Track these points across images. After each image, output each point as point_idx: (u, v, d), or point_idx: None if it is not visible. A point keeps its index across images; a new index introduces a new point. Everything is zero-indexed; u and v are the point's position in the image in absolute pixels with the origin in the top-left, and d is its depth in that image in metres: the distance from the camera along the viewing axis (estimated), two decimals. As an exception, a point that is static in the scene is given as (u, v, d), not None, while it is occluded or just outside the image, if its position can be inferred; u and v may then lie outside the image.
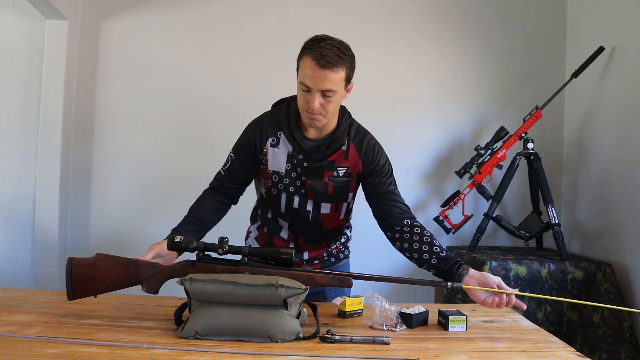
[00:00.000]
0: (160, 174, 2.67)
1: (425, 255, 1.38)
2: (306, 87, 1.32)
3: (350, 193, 1.51)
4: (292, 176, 1.47)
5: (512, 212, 2.76)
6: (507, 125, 2.49)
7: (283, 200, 1.50)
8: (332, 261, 1.64)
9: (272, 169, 1.47)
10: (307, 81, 1.31)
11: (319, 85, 1.31)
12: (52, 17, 2.41)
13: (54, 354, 0.99)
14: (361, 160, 1.46)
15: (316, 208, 1.50)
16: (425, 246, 1.39)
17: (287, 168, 1.46)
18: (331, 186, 1.47)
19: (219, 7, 2.70)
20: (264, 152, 1.47)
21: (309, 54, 1.31)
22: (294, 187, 1.47)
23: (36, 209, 2.45)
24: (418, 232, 1.42)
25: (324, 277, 1.23)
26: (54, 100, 2.45)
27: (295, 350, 1.06)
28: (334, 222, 1.55)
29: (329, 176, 1.46)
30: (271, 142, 1.46)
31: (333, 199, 1.49)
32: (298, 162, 1.45)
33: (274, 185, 1.49)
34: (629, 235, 2.22)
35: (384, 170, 1.49)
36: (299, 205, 1.49)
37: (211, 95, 2.68)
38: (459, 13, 2.77)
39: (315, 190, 1.47)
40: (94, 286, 1.21)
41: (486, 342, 1.18)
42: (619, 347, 2.09)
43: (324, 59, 1.29)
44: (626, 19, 2.30)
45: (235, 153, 1.50)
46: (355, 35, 2.83)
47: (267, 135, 1.46)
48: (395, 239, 1.45)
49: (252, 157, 1.48)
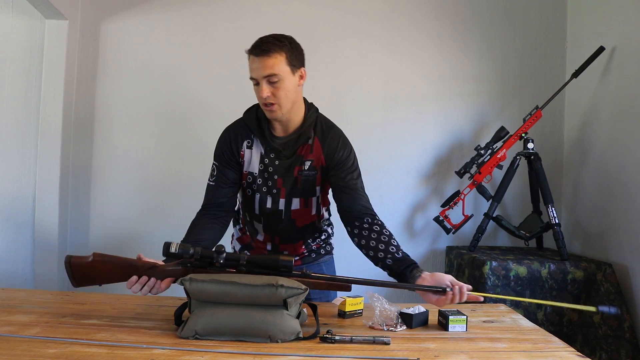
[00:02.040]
0: (160, 173, 2.67)
1: (380, 254, 1.38)
2: (253, 79, 1.38)
3: (317, 187, 1.53)
4: (265, 176, 1.50)
5: (512, 212, 2.76)
6: (507, 125, 2.49)
7: (257, 201, 1.53)
8: (313, 257, 1.65)
9: (247, 169, 1.51)
10: (252, 73, 1.38)
11: (261, 73, 1.36)
12: (52, 17, 2.41)
13: (54, 354, 0.99)
14: (324, 154, 1.49)
15: (287, 206, 1.52)
16: (381, 245, 1.38)
17: (260, 169, 1.50)
18: (300, 180, 1.50)
19: (219, 7, 2.70)
20: (241, 155, 1.51)
21: (250, 50, 1.39)
22: (266, 187, 1.51)
23: (36, 209, 2.45)
24: (377, 230, 1.41)
25: (322, 284, 1.22)
26: (54, 100, 2.45)
27: (295, 350, 1.06)
28: (306, 218, 1.56)
29: (299, 170, 1.49)
30: (247, 144, 1.51)
31: (301, 193, 1.52)
32: (270, 161, 1.49)
33: (248, 186, 1.53)
34: (629, 235, 2.22)
35: (347, 164, 1.49)
36: (272, 205, 1.52)
37: (211, 95, 2.68)
38: (459, 13, 2.77)
39: (287, 187, 1.50)
40: (95, 282, 1.21)
41: (486, 342, 1.18)
42: (619, 347, 2.09)
43: (258, 47, 1.36)
44: (626, 19, 2.30)
45: (218, 161, 1.53)
46: (355, 35, 2.84)
47: (242, 137, 1.51)
48: (354, 234, 1.45)
49: (233, 161, 1.52)
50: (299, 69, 1.41)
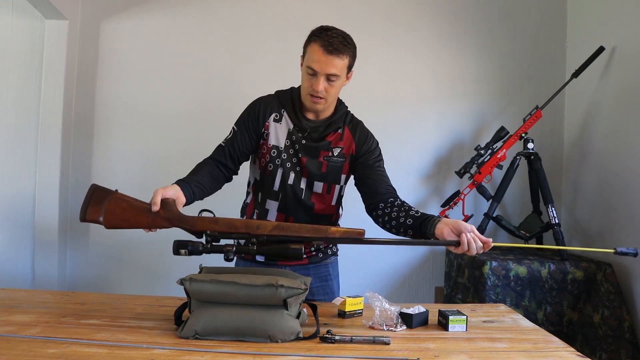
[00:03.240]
0: (160, 173, 2.67)
1: (401, 219, 1.42)
2: (313, 70, 1.41)
3: (343, 175, 1.56)
4: (290, 152, 1.52)
5: (512, 212, 2.76)
6: (507, 125, 2.49)
7: (278, 177, 1.53)
8: (320, 257, 1.64)
9: (272, 143, 1.52)
10: (314, 65, 1.40)
11: (325, 69, 1.40)
12: (52, 17, 2.41)
13: (54, 354, 0.99)
14: (355, 142, 1.55)
15: (309, 187, 1.54)
16: (402, 212, 1.43)
17: (287, 144, 1.52)
18: (325, 165, 1.53)
19: (219, 7, 2.70)
20: (265, 126, 1.53)
21: (317, 40, 1.40)
22: (290, 163, 1.52)
23: (36, 209, 2.45)
24: (398, 203, 1.47)
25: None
26: (54, 100, 2.45)
27: (295, 350, 1.06)
28: (325, 205, 1.57)
29: (324, 156, 1.53)
30: (274, 117, 1.53)
31: (326, 178, 1.54)
32: (297, 139, 1.51)
33: (271, 160, 1.53)
34: (629, 235, 2.22)
35: (375, 152, 1.57)
36: (294, 182, 1.53)
37: (211, 95, 2.68)
38: (459, 13, 2.77)
39: (310, 169, 1.52)
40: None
41: (486, 342, 1.18)
42: (619, 347, 2.09)
43: (331, 45, 1.39)
44: (626, 19, 2.30)
45: (239, 126, 1.55)
46: (355, 34, 2.82)
47: (272, 110, 1.53)
48: (379, 216, 1.49)
49: (254, 130, 1.53)
50: (351, 71, 1.48)
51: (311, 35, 1.44)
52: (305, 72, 1.44)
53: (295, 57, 2.89)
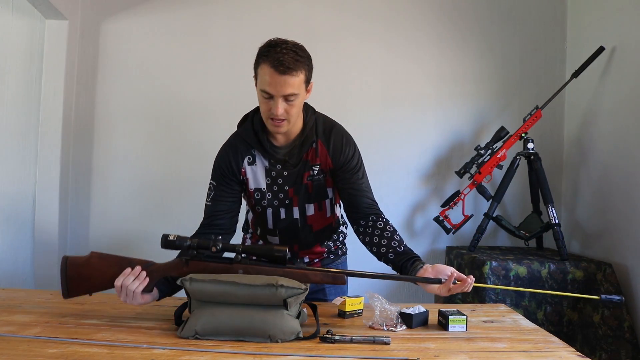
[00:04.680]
0: (160, 173, 2.67)
1: (382, 249, 1.40)
2: (268, 94, 1.31)
3: (329, 188, 1.52)
4: (274, 189, 1.47)
5: (512, 212, 2.76)
6: (507, 125, 2.49)
7: (269, 216, 1.51)
8: (332, 258, 1.65)
9: (252, 187, 1.47)
10: (268, 89, 1.30)
11: (281, 91, 1.29)
12: (52, 17, 2.41)
13: (54, 354, 0.99)
14: (330, 155, 1.46)
15: (302, 213, 1.50)
16: (384, 240, 1.41)
17: (267, 182, 1.47)
18: (310, 185, 1.48)
19: (219, 7, 2.70)
20: (242, 172, 1.46)
21: (266, 61, 1.30)
22: (277, 201, 1.48)
23: (36, 209, 2.45)
24: (380, 226, 1.44)
25: (317, 275, 1.23)
26: (54, 100, 2.45)
27: (295, 350, 1.06)
28: (321, 221, 1.56)
29: (307, 177, 1.47)
30: (248, 161, 1.46)
31: (314, 198, 1.50)
32: (277, 173, 1.45)
33: (257, 202, 1.49)
34: (629, 235, 2.22)
35: (352, 163, 1.48)
36: (286, 215, 1.50)
37: (211, 95, 2.68)
38: (459, 13, 2.77)
39: (299, 196, 1.48)
40: (89, 284, 1.21)
41: (486, 342, 1.18)
42: (619, 347, 2.09)
43: (282, 64, 1.27)
44: (626, 19, 2.30)
45: (216, 180, 1.47)
46: (355, 35, 2.84)
47: (242, 155, 1.46)
48: (359, 232, 1.48)
49: (233, 180, 1.46)
50: (310, 83, 1.38)
51: (259, 55, 1.33)
52: (261, 96, 1.33)
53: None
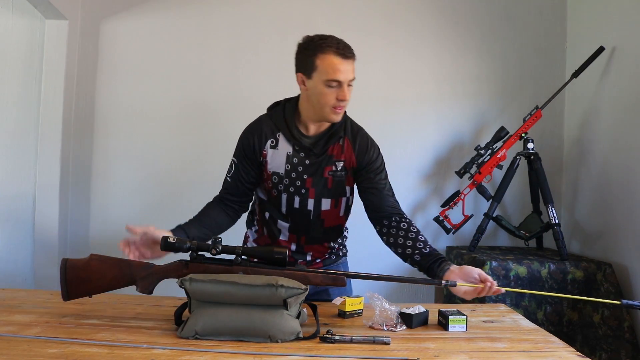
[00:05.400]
0: (160, 174, 2.67)
1: (408, 250, 1.41)
2: (336, 82, 1.35)
3: (347, 187, 1.53)
4: (292, 176, 1.48)
5: (512, 212, 2.76)
6: (507, 125, 2.48)
7: (284, 201, 1.51)
8: (333, 259, 1.65)
9: (271, 170, 1.49)
10: (338, 76, 1.34)
11: (349, 76, 1.36)
12: (52, 17, 2.41)
13: (54, 354, 0.99)
14: (355, 155, 1.49)
15: (317, 205, 1.51)
16: (409, 241, 1.42)
17: (287, 169, 1.48)
18: (331, 181, 1.49)
19: (219, 7, 2.70)
20: (263, 154, 1.49)
21: (328, 50, 1.34)
22: (294, 187, 1.49)
23: (36, 209, 2.45)
24: (404, 227, 1.45)
25: (317, 277, 1.23)
26: (54, 100, 2.45)
27: (295, 350, 1.06)
28: (334, 219, 1.56)
29: (329, 171, 1.48)
30: (270, 144, 1.48)
31: (332, 194, 1.51)
32: (299, 160, 1.47)
33: (274, 186, 1.50)
34: (629, 236, 2.22)
35: (376, 165, 1.51)
36: (300, 205, 1.50)
37: (211, 95, 2.68)
38: (459, 13, 2.77)
39: (316, 187, 1.48)
40: (88, 287, 1.21)
41: (486, 342, 1.18)
42: (619, 347, 2.09)
43: (345, 49, 1.35)
44: (626, 19, 2.30)
45: (237, 158, 1.51)
46: (355, 35, 2.82)
47: (266, 137, 1.48)
48: (383, 233, 1.49)
49: (253, 160, 1.49)
50: None
51: (316, 47, 1.37)
52: (325, 86, 1.36)
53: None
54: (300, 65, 1.42)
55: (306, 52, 1.39)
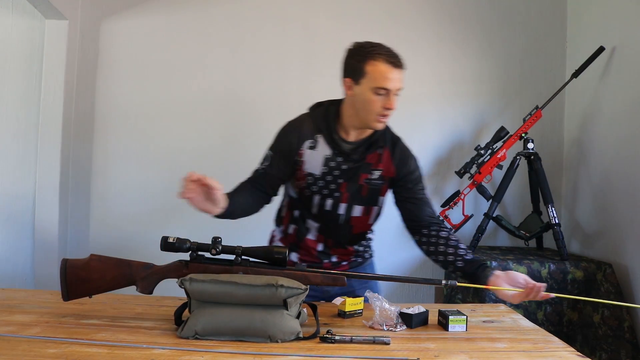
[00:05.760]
0: (160, 173, 2.67)
1: (450, 257, 1.41)
2: (384, 90, 1.35)
3: (381, 197, 1.52)
4: (328, 179, 1.47)
5: (512, 212, 2.76)
6: (507, 125, 2.48)
7: (315, 202, 1.50)
8: (359, 261, 1.63)
9: (307, 170, 1.47)
10: (387, 84, 1.34)
11: (397, 85, 1.36)
12: (52, 17, 2.41)
13: (54, 354, 0.99)
14: (394, 165, 1.49)
15: (348, 210, 1.50)
16: (450, 249, 1.42)
17: (324, 171, 1.46)
18: (366, 188, 1.48)
19: (219, 7, 2.70)
20: (299, 154, 1.47)
21: (379, 58, 1.35)
22: (327, 190, 1.48)
23: (36, 209, 2.45)
24: (444, 235, 1.45)
25: (317, 277, 1.23)
26: (54, 100, 2.45)
27: (295, 350, 1.06)
28: (362, 226, 1.55)
29: (365, 179, 1.47)
30: (309, 145, 1.47)
31: (366, 201, 1.50)
32: (337, 164, 1.46)
33: (307, 186, 1.49)
34: (629, 235, 2.22)
35: (415, 175, 1.52)
36: (332, 208, 1.49)
37: (211, 95, 2.68)
38: (459, 13, 2.77)
39: (350, 193, 1.48)
40: (88, 287, 1.21)
41: (486, 342, 1.18)
42: (619, 347, 2.09)
43: (395, 58, 1.35)
44: (626, 19, 2.30)
45: (274, 152, 1.50)
46: (354, 36, 2.83)
47: (305, 137, 1.47)
48: (422, 242, 1.48)
49: (288, 158, 1.48)
50: None
51: (366, 54, 1.36)
52: (373, 93, 1.35)
53: (296, 57, 2.89)
54: (349, 71, 1.41)
55: (356, 57, 1.39)
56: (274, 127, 2.72)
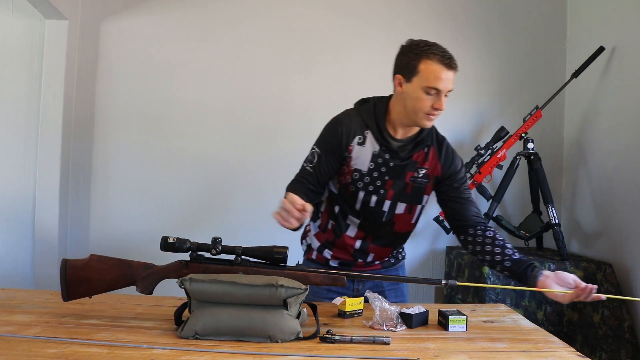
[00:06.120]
0: (160, 174, 2.67)
1: (497, 257, 1.41)
2: (435, 89, 1.34)
3: (425, 196, 1.52)
4: (374, 175, 1.46)
5: (512, 212, 2.76)
6: (507, 125, 2.48)
7: (360, 198, 1.48)
8: (392, 262, 1.63)
9: (354, 166, 1.46)
10: (438, 84, 1.33)
11: (448, 86, 1.35)
12: (52, 17, 2.41)
13: (54, 354, 0.99)
14: (441, 163, 1.49)
15: (392, 208, 1.49)
16: (497, 249, 1.42)
17: (370, 167, 1.45)
18: (410, 186, 1.48)
19: (219, 7, 2.70)
20: (349, 150, 1.45)
21: (433, 57, 1.34)
22: (373, 187, 1.46)
23: (36, 209, 2.45)
24: (490, 235, 1.45)
25: (318, 277, 1.23)
26: (54, 100, 2.45)
27: (295, 350, 1.06)
28: (405, 225, 1.54)
29: (411, 177, 1.47)
30: (358, 141, 1.45)
31: (410, 199, 1.49)
32: (384, 161, 1.45)
33: (352, 182, 1.47)
34: (629, 235, 2.22)
35: (461, 175, 1.52)
36: (376, 205, 1.48)
37: (211, 95, 2.68)
38: (459, 13, 2.77)
39: (395, 190, 1.47)
40: (88, 287, 1.21)
41: (486, 342, 1.18)
42: (619, 347, 2.09)
43: (450, 60, 1.34)
44: (626, 19, 2.30)
45: (322, 149, 1.47)
46: (355, 34, 2.84)
47: (355, 133, 1.46)
48: (468, 242, 1.48)
49: (338, 154, 1.46)
50: None
51: (420, 52, 1.35)
52: (423, 92, 1.34)
53: (296, 57, 2.89)
54: (401, 68, 1.40)
55: (410, 55, 1.38)
56: (275, 127, 2.74)
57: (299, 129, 2.62)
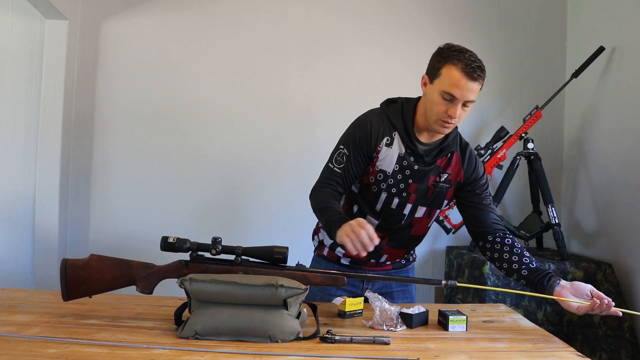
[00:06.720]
0: (161, 174, 2.67)
1: (514, 265, 1.40)
2: (451, 96, 1.32)
3: (445, 200, 1.51)
4: (398, 178, 1.45)
5: (512, 212, 2.76)
6: (507, 125, 2.48)
7: (382, 199, 1.47)
8: (403, 264, 1.62)
9: (379, 167, 1.45)
10: (454, 91, 1.31)
11: (465, 96, 1.31)
12: (52, 17, 2.41)
13: (54, 354, 0.99)
14: (464, 169, 1.48)
15: (412, 211, 1.49)
16: (515, 257, 1.41)
17: (395, 169, 1.44)
18: (432, 191, 1.47)
19: (219, 7, 2.70)
20: (377, 150, 1.44)
21: (457, 64, 1.31)
22: (396, 189, 1.46)
23: (36, 209, 2.45)
24: (509, 243, 1.44)
25: (317, 277, 1.24)
26: (54, 100, 2.45)
27: (295, 350, 1.06)
28: (422, 228, 1.54)
29: (433, 181, 1.46)
30: (386, 142, 1.44)
31: (430, 203, 1.49)
32: (408, 164, 1.44)
33: (376, 182, 1.46)
34: (629, 235, 2.22)
35: (482, 181, 1.51)
36: (397, 207, 1.47)
37: (211, 95, 2.68)
38: (459, 13, 2.77)
39: (417, 194, 1.47)
40: (88, 287, 1.21)
41: (486, 342, 1.18)
42: (619, 347, 2.09)
43: (475, 71, 1.30)
44: (626, 19, 2.31)
45: (351, 149, 1.45)
46: (354, 34, 2.84)
47: (383, 134, 1.44)
48: (486, 249, 1.48)
49: (366, 155, 1.45)
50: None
51: (447, 57, 1.34)
52: (440, 97, 1.33)
53: (296, 57, 2.89)
54: (429, 68, 1.40)
55: (438, 57, 1.37)
56: (275, 126, 2.73)
57: (299, 129, 2.62)
